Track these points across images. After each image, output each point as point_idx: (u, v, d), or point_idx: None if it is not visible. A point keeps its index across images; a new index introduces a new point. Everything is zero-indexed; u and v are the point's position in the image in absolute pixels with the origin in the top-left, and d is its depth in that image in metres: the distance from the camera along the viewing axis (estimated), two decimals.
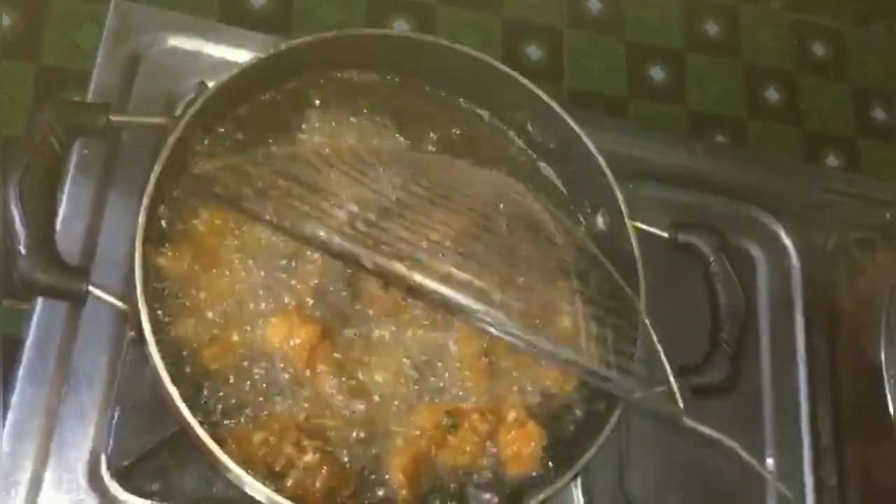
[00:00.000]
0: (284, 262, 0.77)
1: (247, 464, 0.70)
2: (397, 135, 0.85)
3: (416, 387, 0.77)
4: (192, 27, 0.92)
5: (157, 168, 0.71)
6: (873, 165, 1.46)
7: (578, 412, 0.82)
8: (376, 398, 0.75)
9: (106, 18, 0.91)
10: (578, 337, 0.77)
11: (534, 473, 0.79)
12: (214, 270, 0.76)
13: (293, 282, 0.76)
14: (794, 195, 1.10)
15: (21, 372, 0.79)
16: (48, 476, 0.78)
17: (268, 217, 0.72)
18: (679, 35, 1.44)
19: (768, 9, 1.49)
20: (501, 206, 0.80)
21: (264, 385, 0.75)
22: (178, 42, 0.91)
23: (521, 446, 0.77)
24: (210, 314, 0.75)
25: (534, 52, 1.35)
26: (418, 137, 0.87)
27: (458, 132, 0.89)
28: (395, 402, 0.76)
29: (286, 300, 0.75)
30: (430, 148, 0.86)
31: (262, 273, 0.76)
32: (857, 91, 1.50)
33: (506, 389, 0.78)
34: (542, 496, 0.74)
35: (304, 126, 0.82)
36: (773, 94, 1.45)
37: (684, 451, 0.98)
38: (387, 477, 0.74)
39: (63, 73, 1.16)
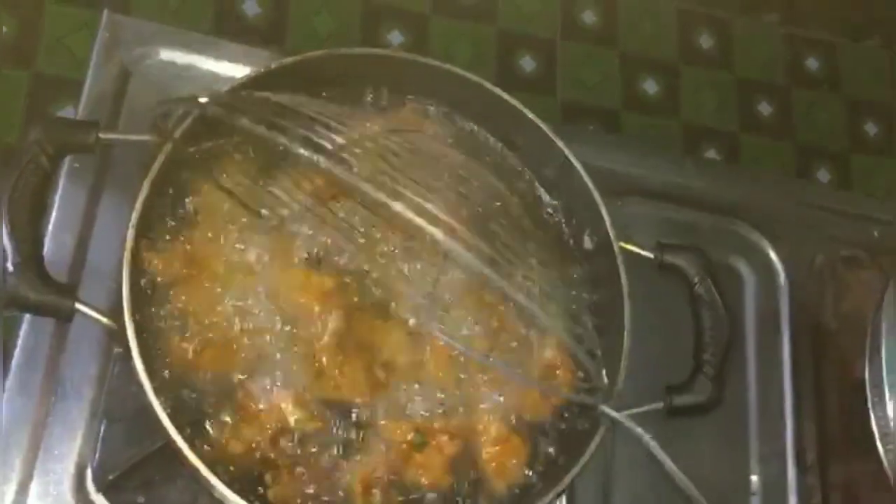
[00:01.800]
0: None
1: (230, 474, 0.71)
2: None
3: (388, 398, 0.77)
4: (183, 41, 0.93)
5: (146, 186, 0.71)
6: (865, 180, 1.46)
7: (563, 426, 0.82)
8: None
9: (99, 28, 0.91)
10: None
11: (518, 487, 0.79)
12: (205, 284, 0.77)
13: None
14: (782, 212, 1.11)
15: (8, 383, 0.79)
16: (34, 488, 0.78)
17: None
18: (673, 48, 1.44)
19: (762, 22, 1.50)
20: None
21: (249, 400, 0.75)
22: (169, 56, 0.92)
23: (505, 459, 0.77)
24: (198, 328, 0.76)
25: (528, 63, 1.35)
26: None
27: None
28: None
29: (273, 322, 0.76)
30: None
31: (254, 291, 0.76)
32: (850, 105, 1.51)
33: (481, 405, 0.78)
34: None
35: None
36: (766, 108, 1.46)
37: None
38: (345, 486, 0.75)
39: (57, 81, 1.17)
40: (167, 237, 0.77)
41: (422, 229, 0.68)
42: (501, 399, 0.78)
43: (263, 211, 0.77)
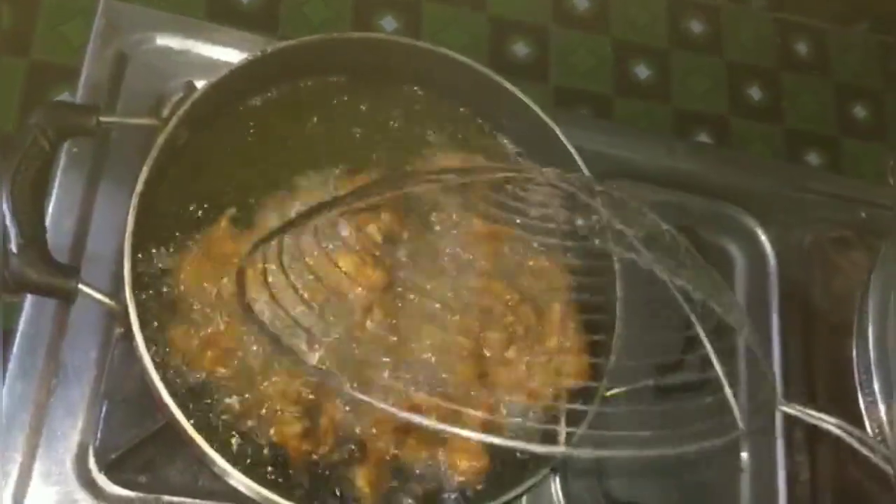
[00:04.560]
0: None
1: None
2: None
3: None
4: (180, 26, 0.93)
5: (146, 170, 0.72)
6: (854, 163, 1.48)
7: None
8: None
9: (95, 14, 0.92)
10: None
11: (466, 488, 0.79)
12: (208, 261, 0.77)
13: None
14: (771, 194, 1.11)
15: (10, 365, 0.80)
16: (37, 468, 0.79)
17: None
18: (664, 33, 1.45)
19: (751, 7, 1.51)
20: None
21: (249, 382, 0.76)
22: (166, 41, 0.92)
23: (461, 459, 0.78)
24: (199, 310, 0.77)
25: (520, 49, 1.36)
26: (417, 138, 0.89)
27: (451, 131, 0.91)
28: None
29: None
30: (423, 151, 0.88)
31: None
32: (838, 89, 1.52)
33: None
34: (519, 490, 0.76)
35: None
36: (755, 92, 1.47)
37: None
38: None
39: (53, 67, 1.18)
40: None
41: None
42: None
43: None
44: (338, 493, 0.76)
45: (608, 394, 0.79)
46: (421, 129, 0.90)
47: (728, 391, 0.75)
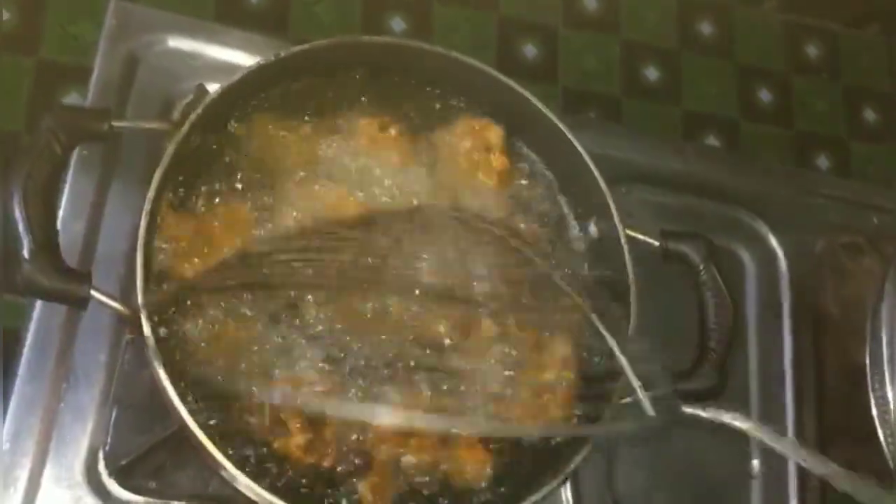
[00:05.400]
0: None
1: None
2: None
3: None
4: (191, 28, 0.93)
5: (159, 174, 0.71)
6: (864, 166, 1.47)
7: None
8: None
9: (103, 12, 0.91)
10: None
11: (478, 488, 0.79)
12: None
13: None
14: (783, 199, 1.11)
15: (21, 370, 0.80)
16: (47, 473, 0.79)
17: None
18: (674, 35, 1.45)
19: (762, 10, 1.50)
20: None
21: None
22: (177, 43, 0.92)
23: (465, 465, 0.77)
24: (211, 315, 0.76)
25: (529, 50, 1.36)
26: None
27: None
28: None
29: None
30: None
31: None
32: (849, 92, 1.51)
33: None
34: (532, 499, 0.76)
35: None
36: (766, 95, 1.47)
37: (671, 449, 0.99)
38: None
39: (61, 67, 1.17)
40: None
41: None
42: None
43: None
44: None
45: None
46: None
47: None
